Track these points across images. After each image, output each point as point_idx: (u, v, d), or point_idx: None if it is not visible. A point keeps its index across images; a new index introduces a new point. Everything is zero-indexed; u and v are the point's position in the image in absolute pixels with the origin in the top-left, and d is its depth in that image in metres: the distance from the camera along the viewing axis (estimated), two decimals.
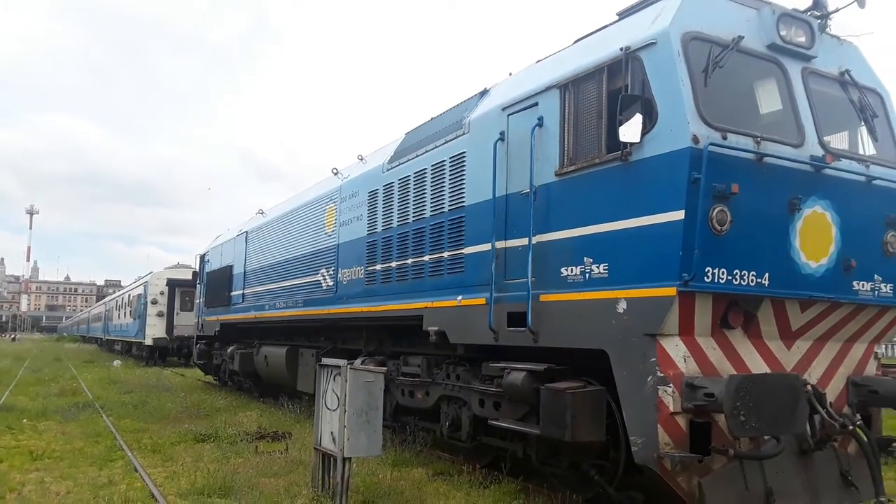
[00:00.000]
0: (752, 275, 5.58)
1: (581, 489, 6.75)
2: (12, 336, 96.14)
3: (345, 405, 6.59)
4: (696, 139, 5.27)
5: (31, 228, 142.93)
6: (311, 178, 10.62)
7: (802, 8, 6.51)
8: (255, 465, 8.37)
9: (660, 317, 5.37)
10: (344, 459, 6.57)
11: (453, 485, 7.58)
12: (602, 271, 5.93)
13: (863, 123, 6.58)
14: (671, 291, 5.29)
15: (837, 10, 6.46)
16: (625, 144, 5.65)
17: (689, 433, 5.45)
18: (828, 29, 6.56)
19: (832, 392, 6.29)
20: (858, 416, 6.21)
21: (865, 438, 6.09)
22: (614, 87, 5.97)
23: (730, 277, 5.47)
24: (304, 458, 8.37)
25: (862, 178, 6.20)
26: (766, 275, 5.64)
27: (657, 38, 5.64)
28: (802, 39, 6.23)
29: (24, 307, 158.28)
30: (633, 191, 5.70)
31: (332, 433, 6.80)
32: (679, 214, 5.29)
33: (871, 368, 6.67)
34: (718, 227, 5.36)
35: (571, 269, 6.24)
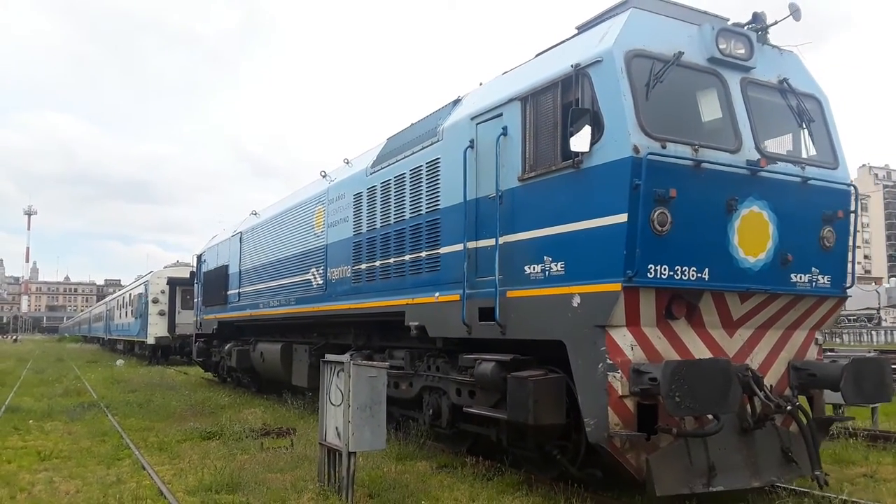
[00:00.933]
0: (693, 270, 6.15)
1: (547, 469, 7.33)
2: (14, 337, 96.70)
3: (348, 400, 6.67)
4: (636, 149, 5.83)
5: (29, 229, 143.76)
6: (307, 175, 11.12)
7: (745, 21, 7.07)
8: (262, 461, 8.50)
9: (608, 310, 5.94)
10: (349, 454, 6.67)
11: (457, 477, 7.67)
12: (559, 269, 6.50)
13: (801, 128, 7.12)
14: (616, 287, 5.86)
15: (776, 23, 7.01)
16: (576, 153, 6.21)
17: (636, 414, 6.02)
18: (768, 40, 7.11)
19: (774, 376, 6.87)
20: (798, 398, 6.82)
21: (803, 418, 6.66)
22: (568, 100, 6.53)
23: (671, 273, 6.04)
24: (310, 453, 8.42)
25: (797, 179, 6.75)
26: (706, 270, 6.21)
27: (602, 56, 6.20)
28: (742, 52, 6.78)
29: (24, 308, 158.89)
30: (584, 196, 6.27)
31: (336, 428, 6.91)
32: (622, 217, 5.86)
33: (813, 354, 7.24)
34: (659, 228, 5.92)
35: (534, 267, 6.80)
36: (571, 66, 6.45)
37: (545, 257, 6.67)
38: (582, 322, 6.19)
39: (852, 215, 7.12)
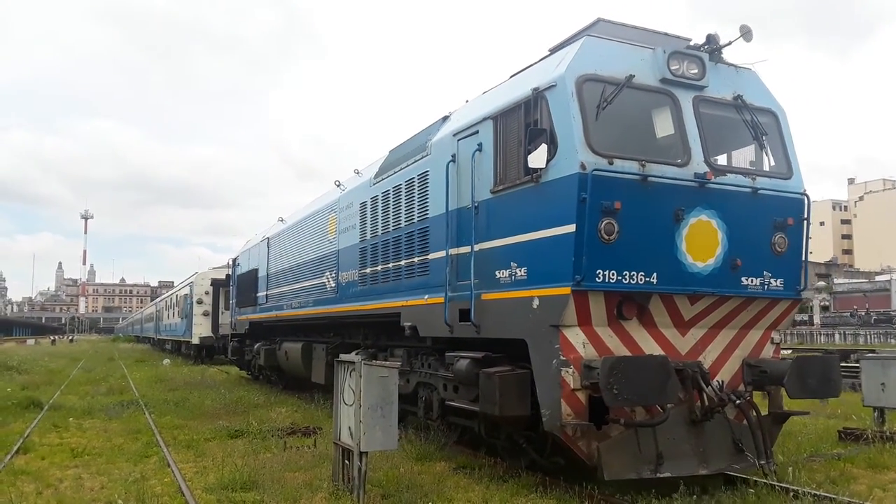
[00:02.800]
0: (642, 274, 6.73)
1: (518, 457, 7.97)
2: (70, 337, 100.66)
3: (360, 400, 6.76)
4: (583, 166, 6.45)
5: (85, 233, 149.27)
6: (345, 176, 11.85)
7: (701, 42, 7.60)
8: (283, 460, 8.66)
9: (560, 311, 6.56)
10: (361, 453, 6.75)
11: (473, 478, 7.75)
12: (523, 274, 7.15)
13: (755, 140, 7.62)
14: (566, 290, 6.48)
15: (729, 44, 7.52)
16: (534, 169, 6.85)
17: (588, 406, 6.62)
18: (723, 60, 7.62)
19: (728, 372, 7.39)
20: (752, 393, 7.33)
21: (753, 412, 7.16)
22: (529, 120, 7.17)
23: (620, 277, 6.63)
24: (330, 452, 8.23)
25: (748, 190, 7.26)
26: (655, 274, 6.78)
27: (556, 81, 6.83)
28: (695, 72, 7.32)
29: (81, 309, 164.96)
30: (542, 207, 6.91)
31: (349, 428, 7.00)
32: (572, 227, 6.48)
33: (769, 352, 7.71)
34: (606, 237, 6.53)
35: (503, 272, 7.46)
36: (532, 89, 7.09)
37: (512, 263, 7.31)
38: (540, 322, 6.82)
39: (805, 222, 7.57)
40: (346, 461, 7.09)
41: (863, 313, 62.19)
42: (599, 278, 6.55)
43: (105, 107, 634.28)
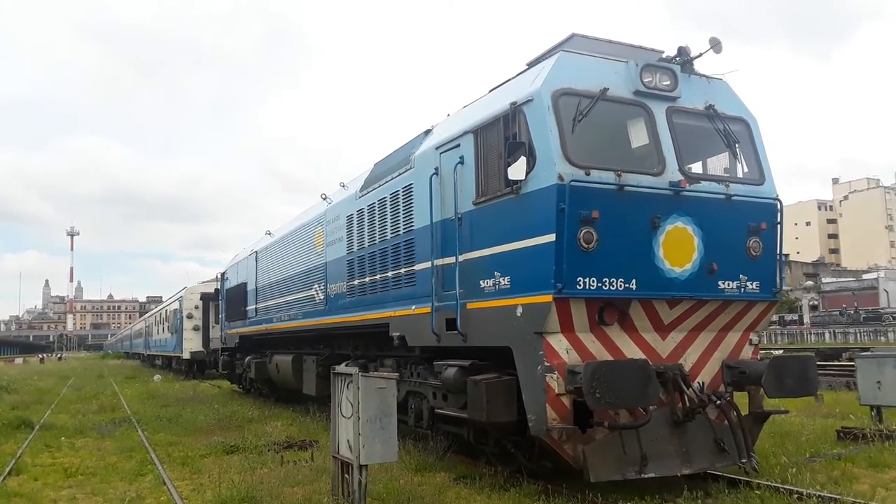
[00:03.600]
0: (621, 281, 6.94)
1: (507, 462, 8.15)
2: (59, 355, 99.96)
3: (358, 413, 6.68)
4: (560, 177, 6.66)
5: (72, 249, 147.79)
6: (332, 187, 11.97)
7: (673, 55, 7.85)
8: (280, 475, 8.53)
9: (543, 318, 6.75)
10: (360, 466, 6.68)
11: (474, 488, 7.74)
12: (506, 283, 7.34)
13: (727, 148, 7.86)
14: (548, 298, 6.67)
15: (700, 55, 7.78)
16: (514, 181, 7.05)
17: (573, 410, 6.81)
18: (695, 71, 7.87)
19: (708, 374, 7.60)
20: (732, 394, 7.54)
21: (733, 412, 7.37)
22: (509, 133, 7.38)
23: (600, 284, 6.83)
24: (329, 466, 8.12)
25: (721, 196, 7.49)
26: (634, 280, 6.99)
27: (533, 95, 7.05)
28: (667, 83, 7.56)
29: (69, 326, 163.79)
30: (523, 218, 7.11)
31: (348, 441, 6.92)
32: (551, 237, 6.68)
33: (748, 353, 7.93)
34: (586, 245, 6.73)
35: (487, 282, 7.65)
36: (510, 104, 7.30)
37: (495, 273, 7.50)
38: (524, 329, 7.01)
39: (778, 226, 7.81)
40: (346, 475, 7.03)
41: (852, 312, 62.84)
42: (580, 286, 6.74)
43: (90, 123, 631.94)
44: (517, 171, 6.91)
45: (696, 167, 8.09)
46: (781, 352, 19.37)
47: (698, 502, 6.71)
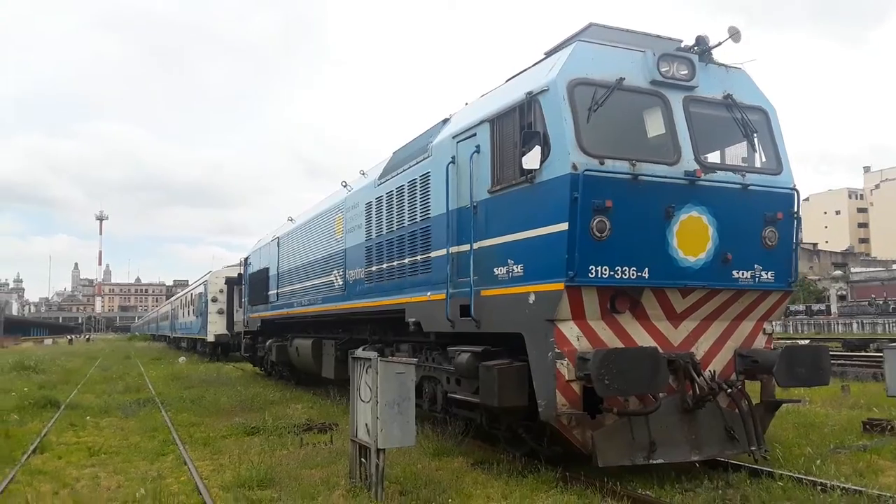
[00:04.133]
0: (634, 270, 6.99)
1: (519, 447, 8.26)
2: (87, 336, 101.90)
3: (377, 397, 6.73)
4: (574, 166, 6.71)
5: (101, 234, 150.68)
6: (353, 175, 12.08)
7: (691, 44, 7.82)
8: (299, 457, 8.64)
9: (555, 306, 6.83)
10: (378, 450, 6.73)
11: (492, 474, 7.76)
12: (519, 271, 7.42)
13: (745, 138, 7.84)
14: (560, 286, 6.75)
15: (719, 45, 7.74)
16: (529, 170, 7.11)
17: (582, 396, 6.89)
18: (713, 60, 7.84)
19: (720, 362, 7.64)
20: (743, 382, 7.57)
21: (744, 400, 7.40)
22: (525, 122, 7.43)
23: (612, 273, 6.89)
24: (348, 448, 8.07)
25: (737, 186, 7.49)
26: (647, 269, 7.04)
27: (548, 85, 7.09)
28: (684, 73, 7.55)
29: (98, 309, 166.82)
30: (537, 207, 7.17)
31: (366, 425, 6.96)
32: (564, 226, 6.74)
33: (761, 342, 7.95)
34: (598, 234, 6.78)
35: (501, 269, 7.73)
36: (526, 93, 7.35)
37: (509, 260, 7.58)
38: (536, 316, 7.09)
39: (795, 216, 7.79)
40: (363, 458, 7.10)
41: (881, 302, 61.79)
42: (592, 274, 6.81)
43: (117, 111, 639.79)
44: (532, 160, 6.97)
45: (714, 157, 8.08)
46: (808, 342, 19.17)
47: (719, 492, 6.69)
